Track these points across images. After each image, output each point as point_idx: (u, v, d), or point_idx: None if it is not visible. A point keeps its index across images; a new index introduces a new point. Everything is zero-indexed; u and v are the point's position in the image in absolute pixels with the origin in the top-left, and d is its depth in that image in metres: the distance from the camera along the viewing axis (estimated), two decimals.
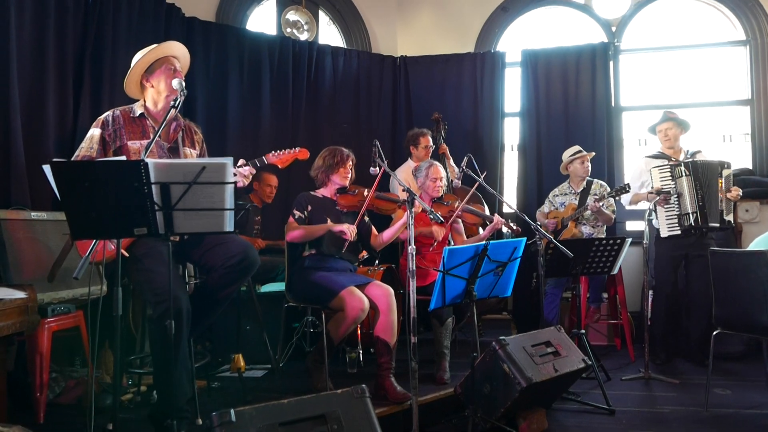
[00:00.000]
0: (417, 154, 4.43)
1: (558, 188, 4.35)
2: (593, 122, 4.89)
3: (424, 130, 4.45)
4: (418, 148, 4.43)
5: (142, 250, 2.28)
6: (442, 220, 2.56)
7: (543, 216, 4.38)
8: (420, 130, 4.47)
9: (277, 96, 4.75)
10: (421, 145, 4.42)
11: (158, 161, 1.86)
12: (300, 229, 3.03)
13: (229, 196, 1.95)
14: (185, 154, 2.53)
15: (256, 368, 3.46)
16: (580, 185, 4.25)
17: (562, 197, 4.29)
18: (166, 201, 1.88)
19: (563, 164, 4.32)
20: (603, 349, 4.17)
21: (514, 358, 2.51)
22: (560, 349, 2.69)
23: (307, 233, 3.02)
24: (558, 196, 4.32)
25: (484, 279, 2.54)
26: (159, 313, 2.16)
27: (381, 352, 2.91)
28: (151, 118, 2.50)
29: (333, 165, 3.13)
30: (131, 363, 2.90)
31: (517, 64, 5.14)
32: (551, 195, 4.37)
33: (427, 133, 4.42)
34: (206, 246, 2.42)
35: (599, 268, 3.38)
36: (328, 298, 2.86)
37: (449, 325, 3.27)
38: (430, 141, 4.40)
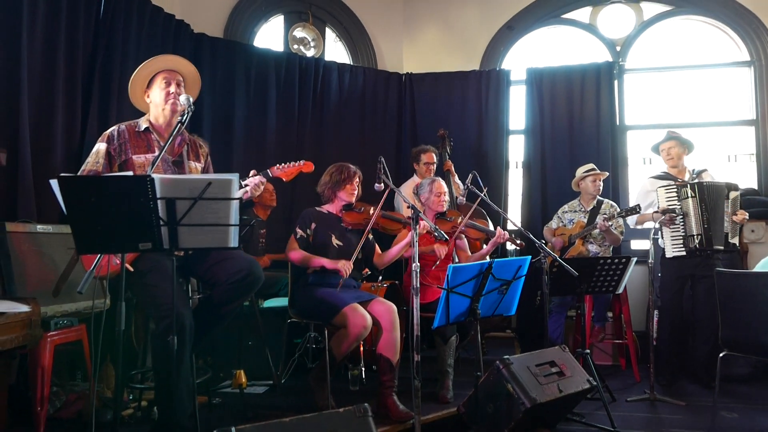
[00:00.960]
0: (419, 171, 4.44)
1: (568, 205, 4.35)
2: (598, 140, 4.90)
3: (426, 147, 4.47)
4: (419, 164, 4.45)
5: (147, 265, 2.29)
6: (447, 238, 2.56)
7: (550, 232, 4.37)
8: (422, 146, 4.50)
9: (283, 111, 4.78)
10: (422, 162, 4.44)
11: (164, 176, 1.87)
12: (299, 253, 3.03)
13: (234, 212, 1.96)
14: (190, 168, 2.55)
15: (257, 384, 3.44)
16: (590, 203, 4.25)
17: (572, 214, 4.29)
18: (171, 216, 1.89)
19: (575, 180, 4.33)
20: (608, 369, 4.13)
21: (518, 378, 2.49)
22: (565, 369, 2.67)
23: (304, 260, 3.02)
24: (568, 212, 4.32)
25: (488, 297, 2.53)
26: (162, 328, 2.17)
27: (383, 369, 2.89)
28: (155, 132, 2.53)
29: (340, 181, 3.14)
30: (133, 378, 2.89)
31: (522, 82, 5.17)
32: (561, 211, 4.37)
33: (429, 150, 4.44)
34: (211, 261, 2.42)
35: (604, 286, 3.36)
36: (330, 314, 2.85)
37: (453, 343, 3.25)
38: (434, 158, 4.42)
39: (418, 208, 3.46)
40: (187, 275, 2.62)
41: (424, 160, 4.43)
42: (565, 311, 4.13)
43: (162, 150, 2.22)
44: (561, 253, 4.16)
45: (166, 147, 2.24)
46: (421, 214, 2.56)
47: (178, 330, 2.08)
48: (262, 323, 3.40)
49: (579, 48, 5.36)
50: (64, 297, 2.85)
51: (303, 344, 3.71)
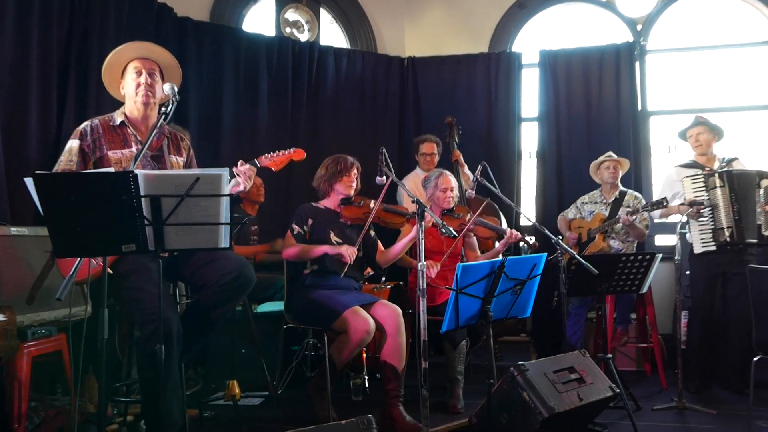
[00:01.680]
0: (419, 162, 4.44)
1: (588, 195, 4.34)
2: (618, 128, 4.89)
3: (425, 137, 4.47)
4: (418, 155, 4.44)
5: (129, 267, 2.29)
6: (455, 235, 2.55)
7: (565, 223, 4.36)
8: (421, 136, 4.50)
9: (275, 101, 4.78)
10: (420, 152, 4.43)
11: (148, 172, 1.88)
12: (296, 247, 3.03)
13: (224, 210, 1.96)
14: (171, 163, 2.55)
15: (252, 395, 3.45)
16: (611, 194, 4.23)
17: (592, 206, 4.28)
18: (156, 215, 1.89)
19: (592, 169, 4.32)
20: (632, 375, 4.12)
21: (534, 385, 2.49)
22: (585, 375, 2.67)
23: (302, 253, 3.03)
24: (588, 203, 4.31)
25: (500, 298, 2.53)
26: (147, 335, 2.17)
27: (388, 378, 2.90)
28: (131, 126, 2.53)
29: (336, 173, 3.15)
30: (117, 390, 2.90)
31: (534, 65, 5.16)
32: (580, 201, 4.36)
33: (428, 139, 4.44)
34: (198, 262, 2.42)
35: (627, 286, 3.35)
36: (330, 318, 2.86)
37: (463, 348, 3.25)
38: (434, 148, 4.42)
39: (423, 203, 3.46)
40: (174, 278, 2.62)
41: (422, 150, 4.43)
42: (585, 313, 4.13)
43: (144, 145, 2.23)
44: (579, 249, 4.16)
45: (150, 140, 2.24)
46: (427, 209, 2.56)
47: (165, 337, 2.08)
48: (256, 329, 3.41)
49: (596, 27, 5.34)
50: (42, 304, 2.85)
51: (301, 351, 3.72)
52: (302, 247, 3.03)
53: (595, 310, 4.23)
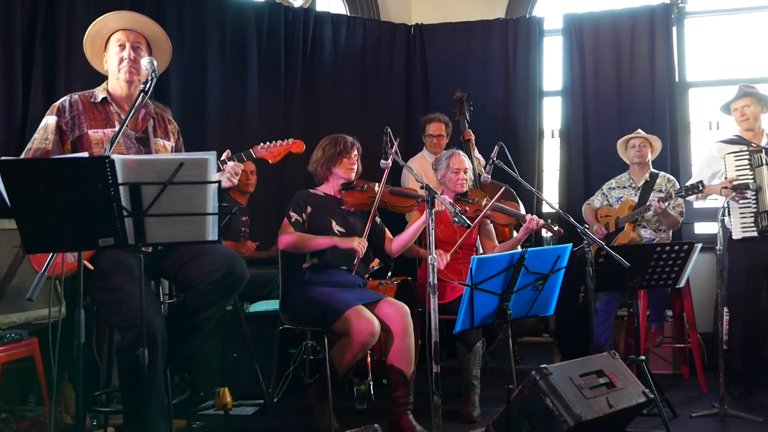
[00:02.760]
0: (426, 144, 4.43)
1: (616, 179, 4.33)
2: (653, 101, 4.86)
3: (433, 116, 4.47)
4: (425, 136, 4.44)
5: (108, 264, 2.31)
6: (469, 224, 2.56)
7: (591, 212, 4.36)
8: (429, 115, 4.49)
9: (266, 76, 4.77)
10: (427, 133, 4.43)
11: (126, 157, 1.89)
12: (293, 234, 3.04)
13: (212, 199, 1.97)
14: (157, 147, 2.56)
15: (245, 404, 3.48)
16: (640, 177, 4.22)
17: (620, 191, 4.27)
18: (136, 205, 1.90)
19: (619, 148, 4.32)
20: (668, 379, 4.14)
21: (558, 391, 2.50)
22: (615, 379, 2.68)
23: (301, 242, 3.03)
24: (615, 189, 4.30)
25: (520, 294, 2.54)
26: (129, 339, 2.19)
27: (396, 383, 2.92)
28: (114, 103, 2.54)
29: (335, 155, 3.16)
30: (96, 400, 2.93)
31: (557, 31, 5.13)
32: (606, 186, 4.35)
33: (435, 119, 4.44)
34: (184, 258, 2.44)
35: (662, 279, 3.35)
36: (330, 318, 2.88)
37: (478, 350, 3.27)
38: (442, 129, 4.42)
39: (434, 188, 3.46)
40: (157, 275, 2.64)
41: (429, 131, 4.43)
42: (615, 310, 4.13)
43: (123, 124, 2.23)
44: (606, 240, 4.15)
45: (127, 121, 2.25)
46: (438, 195, 2.56)
47: (148, 341, 2.09)
48: (249, 331, 3.43)
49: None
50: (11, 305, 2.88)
51: (298, 355, 3.74)
52: (300, 236, 3.04)
53: (626, 307, 4.23)
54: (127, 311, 2.19)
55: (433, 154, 4.37)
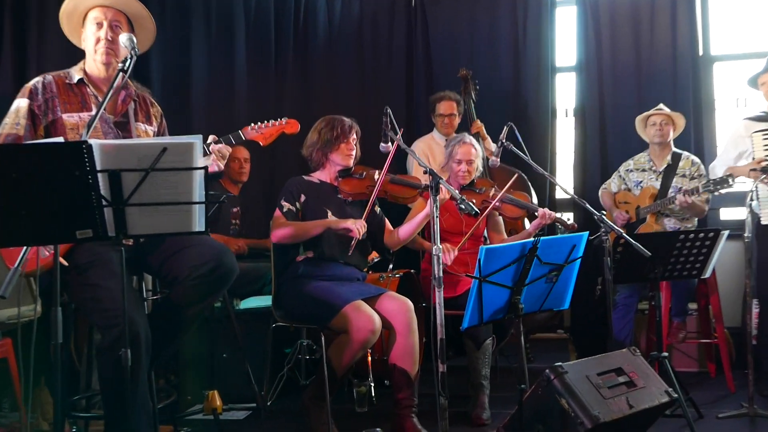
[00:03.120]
0: (436, 125, 4.42)
1: (634, 159, 4.32)
2: (674, 77, 4.84)
3: (443, 94, 4.45)
4: (435, 116, 4.42)
5: (86, 259, 2.30)
6: (477, 212, 2.55)
7: (609, 197, 4.35)
8: (438, 93, 4.47)
9: (255, 53, 4.76)
10: (437, 113, 4.41)
11: (105, 142, 1.88)
12: (289, 226, 3.04)
13: (198, 186, 1.96)
14: (138, 131, 2.55)
15: (236, 408, 3.49)
16: (662, 160, 4.21)
17: (639, 174, 4.26)
18: (116, 194, 1.90)
19: (638, 126, 4.30)
20: (692, 377, 4.15)
21: (574, 391, 2.50)
22: (636, 377, 2.68)
23: (297, 231, 3.03)
24: (633, 171, 4.29)
25: (533, 287, 2.53)
26: (110, 339, 2.19)
27: (399, 384, 2.92)
28: (92, 85, 2.53)
29: (332, 140, 3.15)
30: (75, 405, 2.94)
31: (571, 2, 5.11)
32: (623, 168, 4.34)
33: (446, 97, 4.42)
34: (168, 251, 2.44)
35: (686, 270, 3.36)
36: (327, 315, 2.88)
37: (488, 348, 3.28)
38: (453, 108, 4.40)
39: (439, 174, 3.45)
40: (139, 270, 2.64)
41: (439, 110, 4.42)
42: (635, 304, 4.13)
43: (100, 107, 2.22)
44: (628, 232, 4.14)
45: (104, 103, 2.24)
46: (443, 180, 2.55)
47: (130, 341, 2.09)
48: (239, 329, 3.44)
49: None
50: None
51: (293, 355, 3.75)
52: (296, 225, 3.04)
53: (647, 300, 4.23)
54: (108, 309, 2.19)
55: (444, 135, 4.35)
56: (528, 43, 5.06)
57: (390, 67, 5.16)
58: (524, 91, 5.06)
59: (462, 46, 5.15)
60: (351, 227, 2.92)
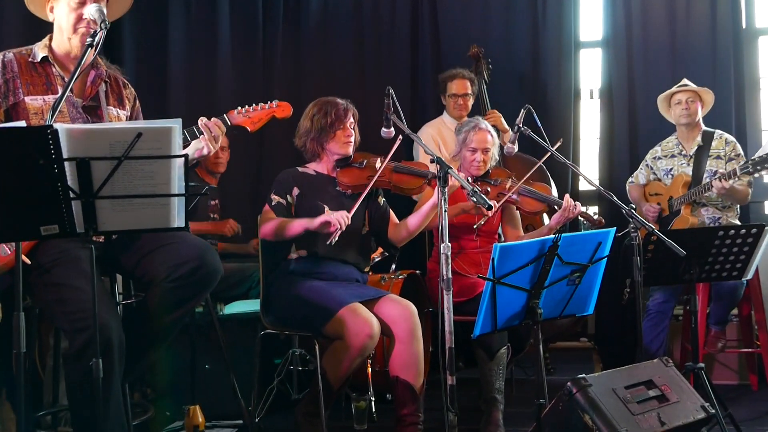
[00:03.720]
0: (447, 106, 4.42)
1: (661, 146, 4.32)
2: (713, 53, 4.84)
3: (455, 72, 4.44)
4: (446, 96, 4.42)
5: (51, 257, 2.31)
6: (490, 205, 2.56)
7: (638, 191, 4.36)
8: (450, 71, 4.46)
9: (240, 26, 4.77)
10: (449, 93, 4.41)
11: (72, 126, 1.88)
12: (272, 222, 3.04)
13: (177, 177, 1.97)
14: (110, 117, 2.55)
15: (220, 425, 3.50)
16: (692, 142, 4.20)
17: (668, 161, 4.26)
18: (85, 185, 1.90)
19: (661, 106, 4.30)
20: (732, 390, 4.15)
21: (600, 406, 2.51)
22: (668, 391, 2.69)
23: (278, 230, 3.03)
24: (661, 158, 4.29)
25: (553, 290, 2.54)
26: (78, 346, 2.19)
27: (402, 399, 2.93)
28: (57, 64, 2.52)
29: (327, 127, 3.14)
30: (40, 421, 2.95)
31: None
32: (650, 156, 4.35)
33: (458, 75, 4.42)
34: (144, 249, 2.44)
35: (725, 270, 3.35)
36: (320, 320, 2.89)
37: (502, 358, 3.28)
38: (467, 87, 4.40)
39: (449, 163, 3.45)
40: (111, 270, 2.65)
41: (451, 89, 4.41)
42: (670, 309, 4.12)
43: (66, 87, 2.23)
44: (660, 227, 4.14)
45: (72, 82, 2.25)
46: (452, 169, 2.56)
47: (102, 349, 2.10)
48: (224, 337, 3.44)
49: None
50: None
51: (284, 366, 3.76)
52: (280, 221, 3.03)
53: (681, 305, 4.23)
54: (75, 311, 2.20)
55: (456, 118, 4.35)
56: (548, 15, 5.06)
57: (392, 43, 5.15)
58: (544, 69, 5.06)
59: (473, 19, 5.14)
60: (329, 220, 2.86)
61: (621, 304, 4.22)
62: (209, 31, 4.67)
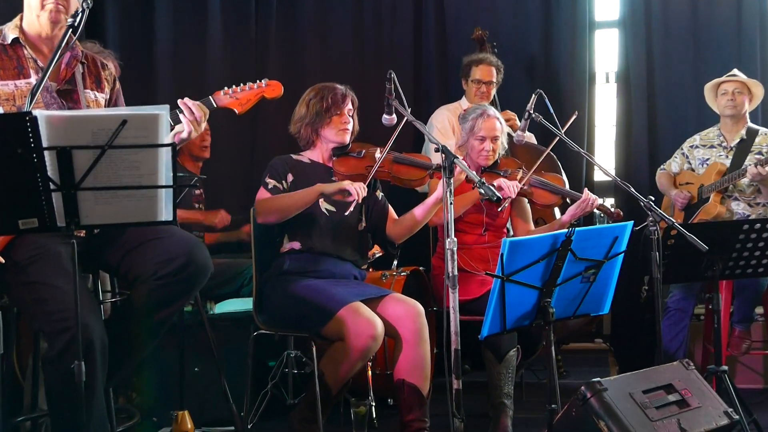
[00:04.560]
0: (467, 92, 4.41)
1: (701, 135, 4.32)
2: (739, 34, 4.84)
3: (482, 57, 4.42)
4: (468, 81, 4.41)
5: (28, 254, 2.29)
6: (499, 197, 2.55)
7: (668, 179, 4.36)
8: (475, 56, 4.44)
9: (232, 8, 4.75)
10: (473, 77, 4.39)
11: (53, 113, 1.88)
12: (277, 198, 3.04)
13: (164, 167, 1.96)
14: (87, 101, 2.54)
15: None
16: (734, 135, 4.20)
17: (706, 151, 4.26)
18: (66, 176, 1.90)
19: (708, 96, 4.29)
20: (758, 395, 4.15)
21: (615, 412, 2.51)
22: (689, 396, 2.69)
23: (283, 204, 3.03)
24: (698, 148, 4.29)
25: (566, 288, 2.54)
26: (58, 348, 2.19)
27: (407, 404, 2.93)
28: (29, 46, 2.50)
29: (323, 112, 3.14)
30: (19, 427, 2.95)
31: None
32: (687, 145, 4.34)
33: (487, 60, 4.40)
34: (129, 244, 2.44)
35: (750, 267, 3.35)
36: (319, 320, 2.89)
37: (512, 360, 3.28)
38: (492, 74, 4.36)
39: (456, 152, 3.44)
40: (94, 267, 2.65)
41: (475, 75, 4.38)
42: (691, 308, 4.12)
43: (46, 72, 2.23)
44: (686, 216, 4.15)
45: (51, 67, 2.24)
46: (459, 159, 2.55)
47: (84, 351, 2.10)
48: (215, 338, 3.44)
49: None
50: None
51: (279, 369, 3.76)
52: (284, 196, 3.04)
53: (704, 303, 4.23)
54: (55, 311, 2.19)
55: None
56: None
57: (394, 25, 5.14)
58: (556, 52, 5.05)
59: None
60: (347, 187, 2.88)
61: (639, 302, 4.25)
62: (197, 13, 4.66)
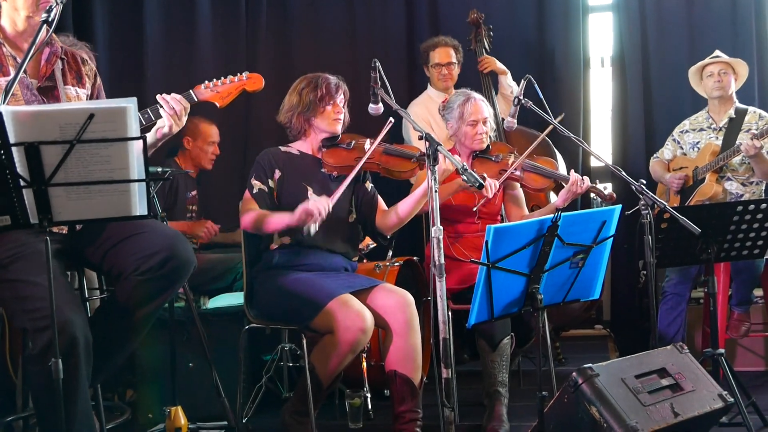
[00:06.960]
0: (431, 79, 4.42)
1: (690, 120, 4.32)
2: (733, 16, 4.82)
3: (436, 40, 4.45)
4: (429, 67, 4.43)
5: (8, 252, 2.29)
6: (481, 183, 2.52)
7: (661, 166, 4.36)
8: (430, 40, 4.47)
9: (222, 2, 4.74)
10: (432, 63, 4.41)
11: (18, 109, 1.88)
12: (251, 214, 3.03)
13: (135, 160, 1.95)
14: (68, 97, 2.54)
15: (204, 427, 3.49)
16: (723, 115, 4.20)
17: (696, 135, 4.26)
18: (36, 172, 1.89)
19: (693, 79, 4.29)
20: (756, 378, 4.14)
21: (607, 397, 2.49)
22: (682, 379, 2.67)
23: (257, 224, 3.01)
24: (689, 132, 4.29)
25: (555, 274, 2.53)
26: (40, 346, 2.18)
27: (400, 395, 2.93)
28: (8, 43, 2.50)
29: (314, 102, 3.13)
30: (11, 426, 2.95)
31: None
32: (677, 131, 4.35)
33: (441, 43, 4.42)
34: (110, 241, 2.43)
35: (746, 248, 3.33)
36: (308, 313, 2.88)
37: (505, 348, 3.26)
38: (450, 55, 4.39)
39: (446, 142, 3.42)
40: (79, 264, 2.64)
41: (434, 59, 4.40)
42: (688, 291, 4.12)
43: (20, 67, 2.22)
44: (682, 198, 4.14)
45: (25, 62, 2.24)
46: (441, 146, 2.52)
47: (66, 348, 2.11)
48: (207, 333, 3.43)
49: None
50: None
51: (272, 363, 3.75)
52: (257, 215, 3.01)
53: (702, 287, 4.21)
54: (35, 309, 2.18)
55: (442, 91, 4.34)
56: None
57: (386, 12, 5.11)
58: (550, 36, 5.03)
59: None
60: (309, 209, 2.79)
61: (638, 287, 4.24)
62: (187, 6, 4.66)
